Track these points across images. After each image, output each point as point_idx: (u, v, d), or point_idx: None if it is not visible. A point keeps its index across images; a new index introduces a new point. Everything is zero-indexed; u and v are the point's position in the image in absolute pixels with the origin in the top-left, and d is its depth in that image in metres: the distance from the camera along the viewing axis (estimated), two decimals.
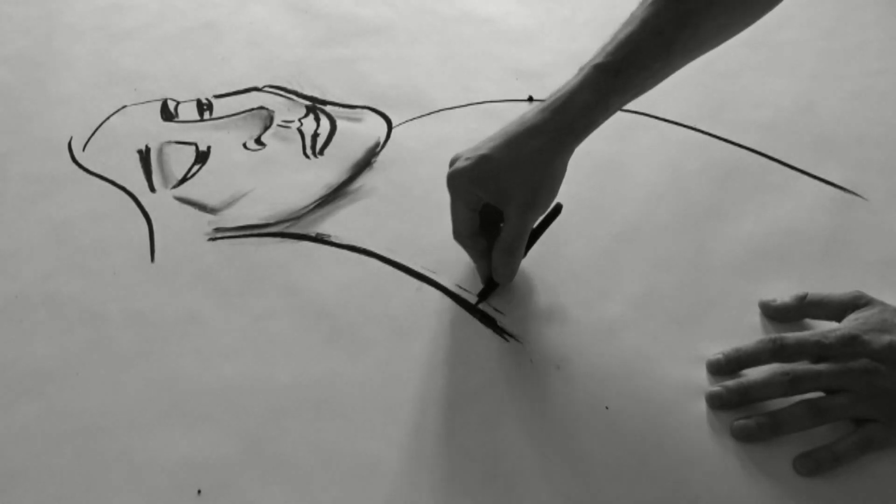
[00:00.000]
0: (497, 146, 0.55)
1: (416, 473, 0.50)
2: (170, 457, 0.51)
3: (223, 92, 0.80)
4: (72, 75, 0.82)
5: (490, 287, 0.59)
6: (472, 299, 0.60)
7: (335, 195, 0.68)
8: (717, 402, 0.52)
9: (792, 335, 0.53)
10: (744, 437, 0.50)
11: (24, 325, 0.59)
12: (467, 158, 0.56)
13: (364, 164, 0.71)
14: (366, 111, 0.77)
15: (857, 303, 0.54)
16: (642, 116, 0.74)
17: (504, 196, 0.55)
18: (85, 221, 0.67)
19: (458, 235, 0.59)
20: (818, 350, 0.51)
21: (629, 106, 0.74)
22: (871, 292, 0.55)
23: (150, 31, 0.88)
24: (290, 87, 0.80)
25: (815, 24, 0.84)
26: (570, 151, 0.56)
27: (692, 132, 0.73)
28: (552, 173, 0.55)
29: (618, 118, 0.74)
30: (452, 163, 0.58)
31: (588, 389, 0.54)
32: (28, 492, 0.50)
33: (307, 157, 0.72)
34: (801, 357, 0.52)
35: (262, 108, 0.77)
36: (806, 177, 0.68)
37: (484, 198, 0.56)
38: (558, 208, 0.61)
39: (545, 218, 0.60)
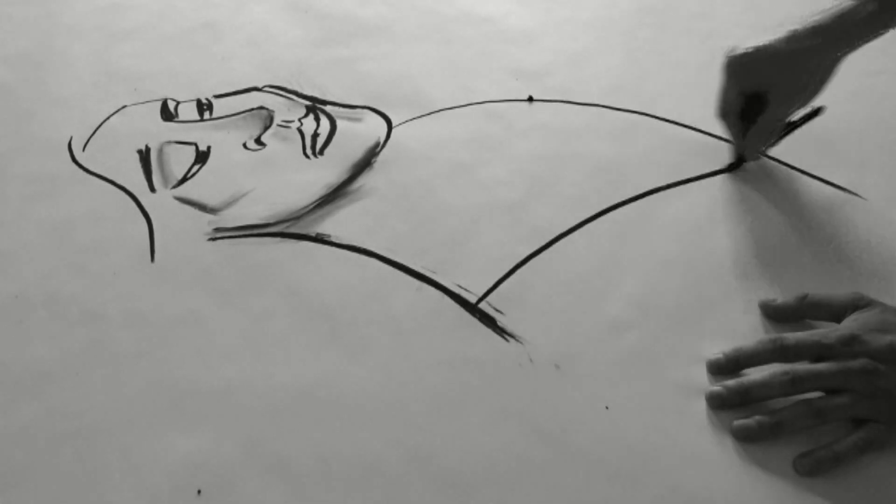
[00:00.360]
0: (778, 39, 0.62)
1: (416, 473, 0.50)
2: (170, 457, 0.51)
3: (223, 92, 0.80)
4: (72, 75, 0.82)
5: (738, 162, 0.68)
6: (473, 299, 0.60)
7: (335, 195, 0.68)
8: (718, 402, 0.52)
9: (792, 335, 0.53)
10: (744, 436, 0.50)
11: (24, 325, 0.59)
12: (747, 47, 0.62)
13: (364, 164, 0.71)
14: (366, 111, 0.77)
15: (857, 303, 0.54)
16: (642, 116, 0.75)
17: (772, 83, 0.62)
18: (85, 221, 0.67)
19: (724, 114, 0.66)
20: (818, 350, 0.51)
21: (629, 106, 0.75)
22: (871, 292, 0.55)
23: (150, 31, 0.88)
24: (290, 87, 0.80)
25: None
26: (844, 56, 0.62)
27: (692, 132, 0.73)
28: (821, 72, 0.62)
29: (618, 118, 0.74)
30: (732, 50, 0.64)
31: (588, 389, 0.54)
32: (28, 492, 0.50)
33: (307, 157, 0.72)
34: (801, 357, 0.52)
35: (262, 108, 0.77)
36: (806, 177, 0.68)
37: (754, 83, 0.63)
38: (819, 110, 0.66)
39: (805, 115, 0.66)
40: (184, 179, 0.70)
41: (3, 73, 0.83)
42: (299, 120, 0.76)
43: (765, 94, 0.63)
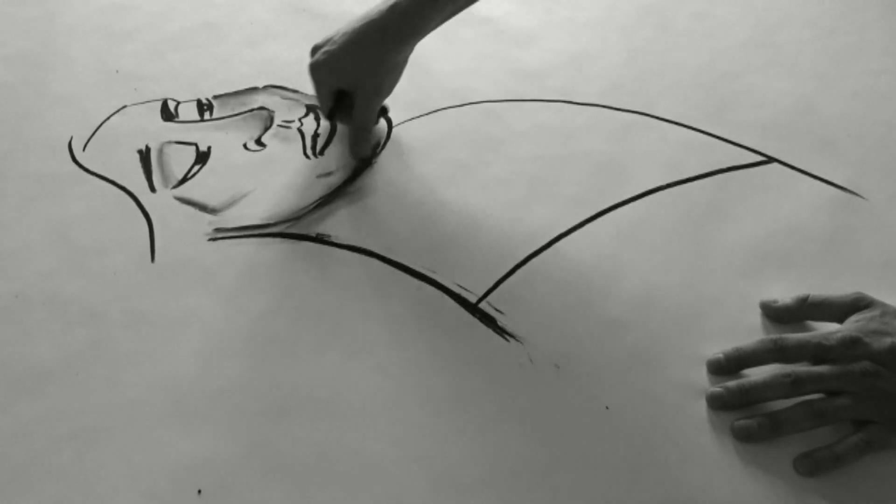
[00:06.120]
0: (343, 34, 0.66)
1: (416, 473, 0.50)
2: (170, 457, 0.51)
3: (223, 92, 0.80)
4: (72, 75, 0.82)
5: (362, 164, 0.71)
6: (473, 299, 0.60)
7: (335, 195, 0.68)
8: (718, 403, 0.52)
9: (793, 336, 0.53)
10: (744, 437, 0.50)
11: (24, 325, 0.59)
12: (325, 52, 0.67)
13: (364, 164, 0.71)
14: None
15: (857, 304, 0.54)
16: (642, 116, 0.75)
17: (352, 83, 0.67)
18: (85, 221, 0.67)
19: (330, 116, 0.71)
20: (819, 352, 0.51)
21: (629, 106, 0.75)
22: (871, 292, 0.55)
23: (150, 31, 0.88)
24: (290, 87, 0.80)
25: (816, 24, 0.84)
26: (411, 46, 0.67)
27: (692, 132, 0.72)
28: (393, 66, 0.67)
29: (618, 118, 0.74)
30: (313, 53, 0.69)
31: (588, 389, 0.54)
32: (28, 492, 0.50)
33: (307, 157, 0.72)
34: (801, 358, 0.52)
35: (262, 108, 0.77)
36: (806, 177, 0.68)
37: (336, 83, 0.68)
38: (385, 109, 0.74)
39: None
40: (184, 179, 0.70)
41: (3, 73, 0.83)
42: (300, 120, 0.76)
43: (351, 92, 0.68)
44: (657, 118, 0.74)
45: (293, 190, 0.69)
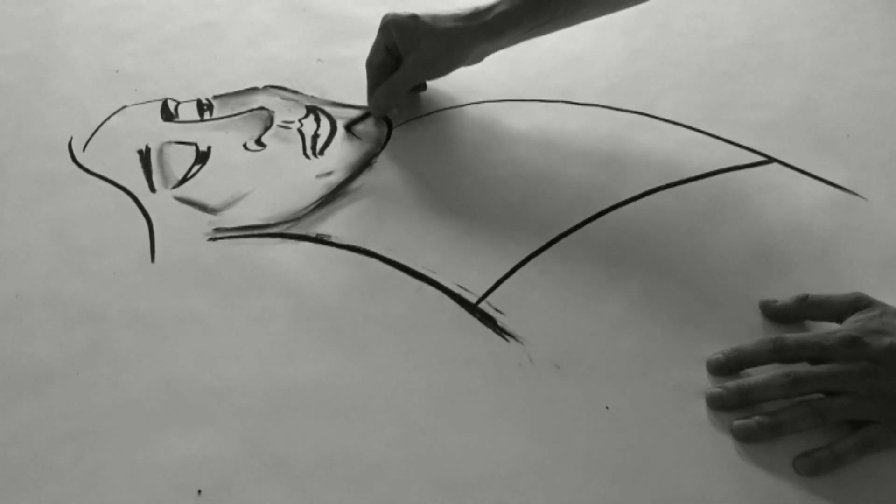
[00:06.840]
0: (427, 15, 0.70)
1: (416, 473, 0.50)
2: (170, 457, 0.51)
3: (223, 92, 0.80)
4: (72, 75, 0.82)
5: (365, 115, 0.76)
6: (473, 299, 0.60)
7: (335, 195, 0.68)
8: (718, 403, 0.52)
9: (792, 336, 0.53)
10: (744, 437, 0.50)
11: (24, 325, 0.59)
12: (404, 13, 0.71)
13: (364, 164, 0.71)
14: (366, 111, 0.77)
15: (857, 304, 0.54)
16: (642, 116, 0.75)
17: (408, 48, 0.70)
18: (85, 221, 0.67)
19: (368, 63, 0.74)
20: (818, 351, 0.51)
21: (629, 106, 0.75)
22: (871, 293, 0.55)
23: (150, 31, 0.88)
24: (290, 87, 0.80)
25: (815, 24, 0.84)
26: (478, 43, 0.70)
27: (692, 132, 0.72)
28: (456, 53, 0.70)
29: (618, 118, 0.74)
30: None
31: (588, 389, 0.54)
32: (28, 492, 0.50)
33: (307, 157, 0.72)
34: (801, 358, 0.52)
35: (262, 108, 0.77)
36: (806, 177, 0.68)
37: (394, 41, 0.71)
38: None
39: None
40: (184, 179, 0.70)
41: (3, 73, 0.83)
42: (299, 120, 0.76)
43: (402, 55, 0.71)
44: (657, 118, 0.74)
45: (293, 190, 0.69)
